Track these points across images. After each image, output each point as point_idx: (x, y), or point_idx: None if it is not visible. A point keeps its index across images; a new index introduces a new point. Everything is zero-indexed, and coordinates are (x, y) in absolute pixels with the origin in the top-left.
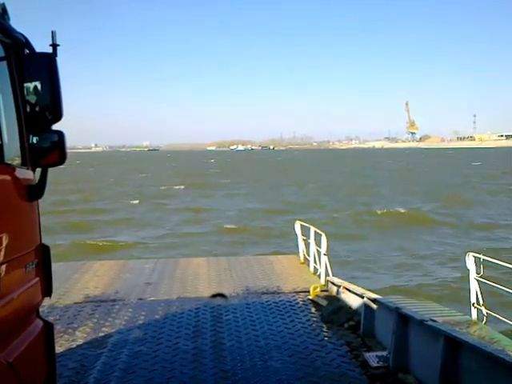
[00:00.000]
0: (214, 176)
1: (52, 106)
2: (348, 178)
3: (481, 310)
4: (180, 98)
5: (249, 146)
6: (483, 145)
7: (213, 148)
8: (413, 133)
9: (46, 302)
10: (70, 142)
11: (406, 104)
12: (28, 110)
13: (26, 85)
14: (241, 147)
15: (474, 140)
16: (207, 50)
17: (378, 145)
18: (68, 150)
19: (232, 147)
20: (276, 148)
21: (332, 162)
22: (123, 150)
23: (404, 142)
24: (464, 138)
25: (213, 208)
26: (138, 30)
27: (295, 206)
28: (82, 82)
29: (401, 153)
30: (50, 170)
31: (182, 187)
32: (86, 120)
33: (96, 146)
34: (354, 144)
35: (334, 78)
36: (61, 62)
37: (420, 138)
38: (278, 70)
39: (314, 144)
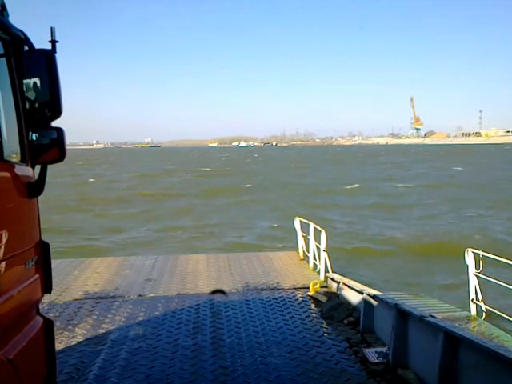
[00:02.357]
0: None
1: (51, 103)
2: None
3: (480, 306)
4: (181, 95)
5: (251, 143)
6: (490, 141)
7: (214, 145)
8: (418, 129)
9: (46, 298)
10: (70, 139)
11: (411, 100)
12: (27, 106)
13: (25, 81)
14: (243, 144)
15: (481, 136)
16: (207, 47)
17: (382, 141)
18: (69, 147)
19: (234, 144)
20: (278, 144)
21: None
22: (125, 146)
23: (409, 138)
24: (470, 133)
25: None
26: (137, 26)
27: None
28: (83, 80)
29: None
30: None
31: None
32: (88, 117)
33: (97, 142)
34: (358, 140)
35: (336, 76)
36: (60, 58)
37: (425, 134)
38: (279, 68)
39: (317, 140)
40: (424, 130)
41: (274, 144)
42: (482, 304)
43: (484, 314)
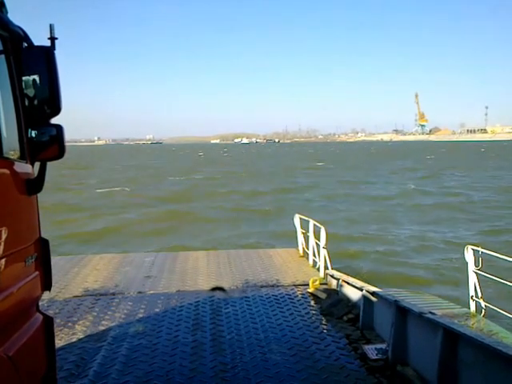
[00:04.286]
0: None
1: (50, 100)
2: None
3: (479, 303)
4: (181, 93)
5: (253, 140)
6: (496, 137)
7: (217, 141)
8: (423, 125)
9: (46, 295)
10: (72, 136)
11: (416, 96)
12: (26, 103)
13: (24, 78)
14: (245, 140)
15: (487, 132)
16: (208, 44)
17: (386, 137)
18: (71, 144)
19: (236, 140)
20: (281, 141)
21: None
22: (126, 143)
23: (413, 134)
24: (475, 130)
25: None
26: (137, 25)
27: None
28: (85, 78)
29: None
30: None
31: None
32: (89, 114)
33: (99, 139)
34: (361, 137)
35: (338, 72)
36: (60, 56)
37: (430, 131)
38: (280, 66)
39: (320, 137)
40: (428, 127)
41: (277, 141)
42: (481, 301)
43: (483, 310)
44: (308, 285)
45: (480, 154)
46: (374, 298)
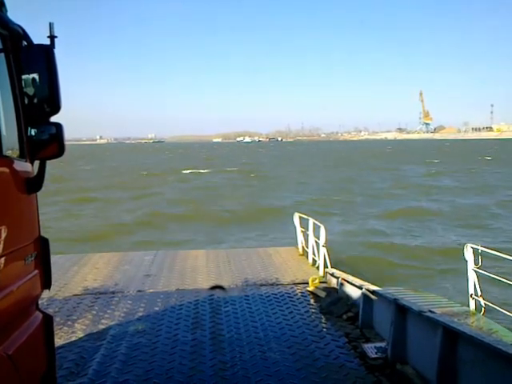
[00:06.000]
0: None
1: (50, 98)
2: None
3: (479, 301)
4: (183, 92)
5: (256, 138)
6: (502, 136)
7: (219, 140)
8: (427, 123)
9: (46, 294)
10: (74, 135)
11: (421, 94)
12: (26, 102)
13: (24, 77)
14: (248, 139)
15: (492, 131)
16: (208, 44)
17: (390, 136)
18: (72, 143)
19: (238, 139)
20: (283, 140)
21: None
22: (128, 142)
23: (418, 133)
24: (480, 128)
25: None
26: (138, 25)
27: None
28: (86, 77)
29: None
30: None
31: None
32: (91, 113)
33: (101, 138)
34: (364, 135)
35: (339, 72)
36: (60, 55)
37: (434, 129)
38: (281, 66)
39: (323, 135)
40: (433, 125)
41: (280, 139)
42: (480, 299)
43: (483, 309)
44: (307, 283)
45: None
46: (373, 297)
